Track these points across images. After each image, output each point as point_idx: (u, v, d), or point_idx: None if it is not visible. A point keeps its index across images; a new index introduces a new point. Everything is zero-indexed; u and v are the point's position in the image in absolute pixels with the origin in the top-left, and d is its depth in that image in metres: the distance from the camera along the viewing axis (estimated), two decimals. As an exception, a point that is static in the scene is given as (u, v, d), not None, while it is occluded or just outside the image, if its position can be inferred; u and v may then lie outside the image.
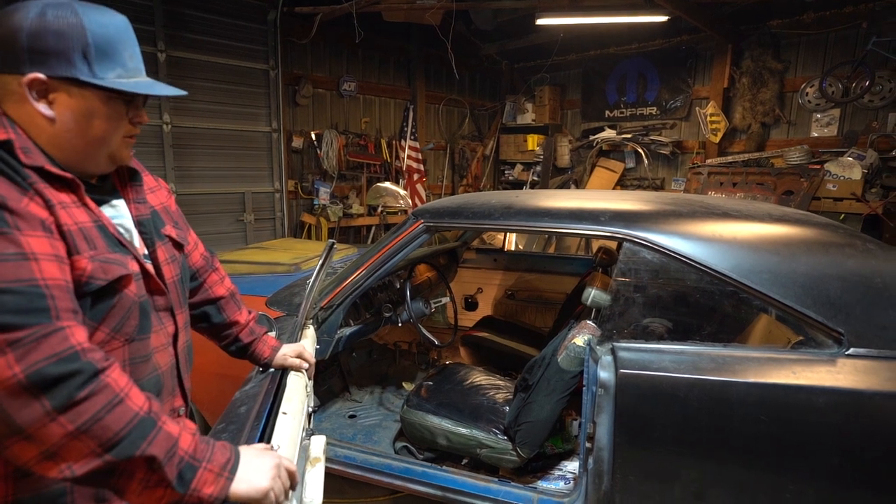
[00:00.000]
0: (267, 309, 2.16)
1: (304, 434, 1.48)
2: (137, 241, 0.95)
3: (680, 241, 1.56)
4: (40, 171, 0.78)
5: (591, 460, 1.54)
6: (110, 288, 0.82)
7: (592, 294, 1.75)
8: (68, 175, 0.81)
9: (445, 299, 2.49)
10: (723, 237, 1.56)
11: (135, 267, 0.87)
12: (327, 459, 2.01)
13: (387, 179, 6.18)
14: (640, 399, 1.43)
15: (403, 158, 6.42)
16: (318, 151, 5.64)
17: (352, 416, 2.48)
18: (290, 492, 0.91)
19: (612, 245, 2.63)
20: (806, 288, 1.41)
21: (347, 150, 5.87)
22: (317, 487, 1.21)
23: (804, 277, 1.43)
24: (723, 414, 1.35)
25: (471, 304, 3.53)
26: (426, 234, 1.95)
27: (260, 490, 0.79)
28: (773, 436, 1.31)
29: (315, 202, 5.63)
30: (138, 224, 0.95)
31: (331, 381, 2.63)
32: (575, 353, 1.72)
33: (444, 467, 1.92)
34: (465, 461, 2.07)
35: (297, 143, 5.49)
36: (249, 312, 1.34)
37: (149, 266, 0.93)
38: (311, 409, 1.77)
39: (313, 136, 5.61)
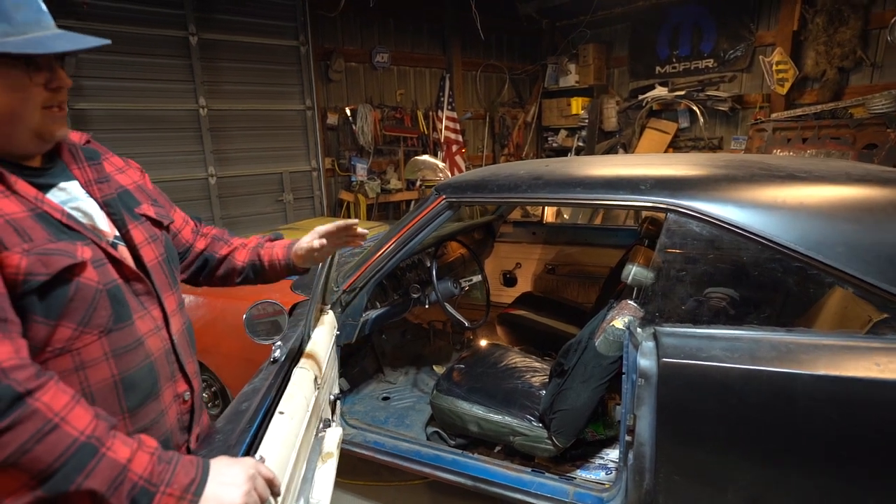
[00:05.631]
0: (292, 293, 2.11)
1: (320, 426, 1.42)
2: (105, 223, 0.86)
3: (734, 210, 1.34)
4: None
5: (631, 455, 1.39)
6: (59, 280, 0.73)
7: (633, 271, 1.57)
8: None
9: (477, 278, 2.37)
10: (787, 204, 1.33)
11: (86, 254, 0.77)
12: (357, 445, 1.98)
13: (424, 152, 6.04)
14: (685, 391, 1.26)
15: (441, 130, 6.24)
16: (354, 127, 5.56)
17: (385, 399, 2.42)
18: (275, 498, 0.84)
19: (661, 216, 2.40)
20: (893, 262, 1.17)
21: (383, 125, 5.75)
22: (326, 486, 1.14)
23: (891, 249, 1.19)
24: (785, 412, 1.16)
25: (509, 280, 3.38)
26: (449, 210, 1.81)
27: None
28: (847, 439, 1.12)
29: (353, 179, 5.58)
30: (105, 205, 0.87)
31: (364, 362, 2.58)
32: (614, 337, 1.56)
33: (474, 455, 1.82)
34: (498, 448, 1.97)
35: (332, 119, 5.43)
36: (247, 238, 1.27)
37: (118, 251, 0.84)
38: (333, 397, 1.71)
39: (348, 112, 5.53)
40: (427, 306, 2.21)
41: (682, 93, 5.77)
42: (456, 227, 2.87)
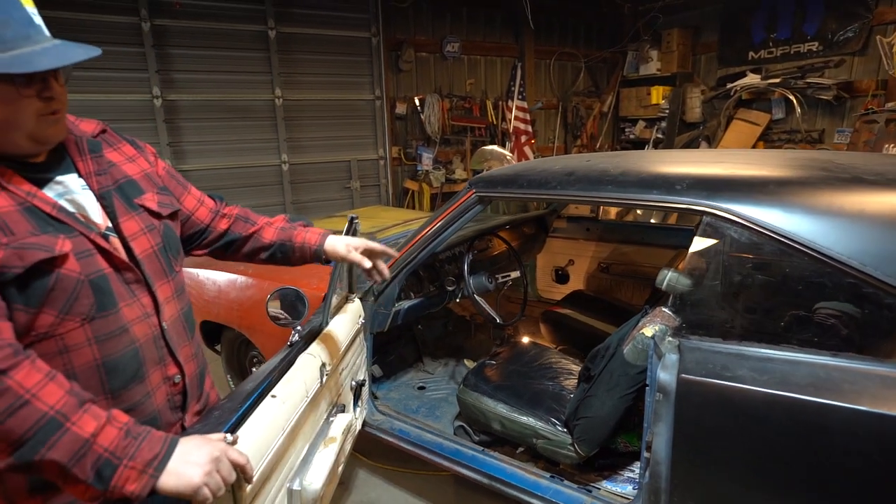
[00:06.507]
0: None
1: (333, 411, 1.47)
2: (98, 215, 0.91)
3: (780, 215, 1.20)
4: None
5: (647, 474, 1.31)
6: (36, 272, 0.78)
7: (668, 276, 1.45)
8: None
9: (515, 274, 2.31)
10: (844, 211, 1.16)
11: (67, 246, 0.82)
12: (384, 431, 2.02)
13: (492, 142, 5.97)
14: (705, 412, 1.16)
15: (510, 120, 6.13)
16: (421, 116, 5.61)
17: (421, 388, 2.45)
18: (245, 484, 0.88)
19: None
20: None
21: (451, 114, 5.76)
22: (320, 471, 1.18)
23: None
24: (818, 446, 1.03)
25: (561, 277, 3.28)
26: (479, 204, 1.78)
27: (189, 485, 0.75)
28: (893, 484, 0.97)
29: (418, 168, 5.65)
30: (100, 198, 0.92)
31: (403, 350, 2.63)
32: (642, 346, 1.47)
33: (494, 454, 1.80)
34: (521, 449, 1.93)
35: (401, 109, 5.51)
36: (272, 217, 1.31)
37: (109, 242, 0.89)
38: (356, 383, 1.76)
39: (417, 102, 5.59)
40: (458, 300, 2.19)
41: (778, 80, 5.22)
42: (503, 220, 2.82)
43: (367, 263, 1.29)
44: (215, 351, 2.73)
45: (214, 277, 2.45)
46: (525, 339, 2.76)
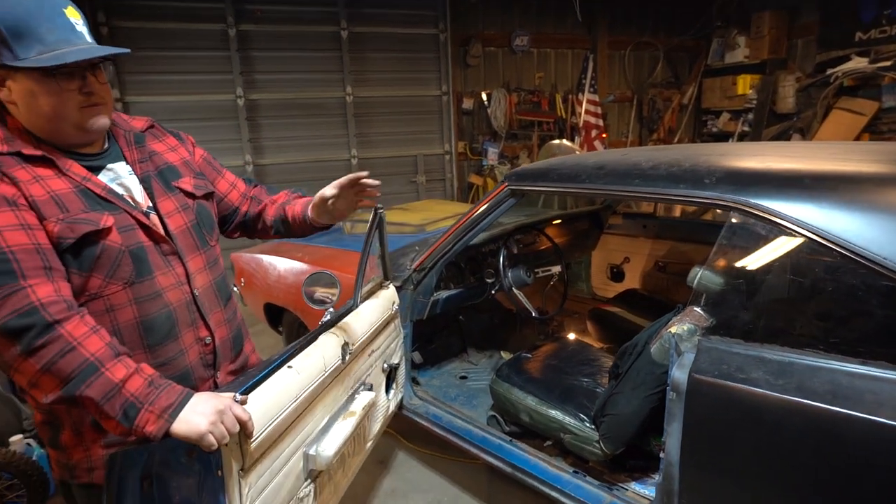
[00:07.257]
0: (375, 267, 2.30)
1: (359, 388, 1.58)
2: (141, 196, 1.06)
3: (812, 211, 1.12)
4: (19, 155, 0.92)
5: (661, 474, 1.28)
6: (86, 242, 0.93)
7: (700, 274, 1.40)
8: (38, 153, 0.94)
9: (556, 268, 2.30)
10: (886, 207, 1.07)
11: (109, 221, 0.96)
12: (419, 416, 2.10)
13: (560, 136, 5.86)
14: (714, 413, 1.12)
15: (580, 114, 5.98)
16: (488, 111, 5.63)
17: (462, 378, 2.51)
18: (247, 440, 0.98)
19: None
20: None
21: (518, 108, 5.72)
22: (334, 440, 1.27)
23: None
24: (833, 457, 0.96)
25: (616, 275, 3.18)
26: (512, 198, 1.80)
27: (196, 431, 0.87)
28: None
29: (483, 163, 5.69)
30: (141, 181, 1.07)
31: (449, 339, 2.70)
32: (669, 345, 1.42)
33: (521, 445, 1.82)
34: (548, 443, 1.93)
35: (468, 104, 5.57)
36: (278, 195, 1.37)
37: (150, 218, 1.04)
38: (387, 366, 1.85)
39: (483, 97, 5.61)
40: (494, 292, 2.22)
41: (889, 63, 4.65)
42: (551, 214, 2.80)
43: (355, 177, 1.23)
44: (278, 331, 2.96)
45: (276, 263, 2.66)
46: (570, 336, 2.73)
